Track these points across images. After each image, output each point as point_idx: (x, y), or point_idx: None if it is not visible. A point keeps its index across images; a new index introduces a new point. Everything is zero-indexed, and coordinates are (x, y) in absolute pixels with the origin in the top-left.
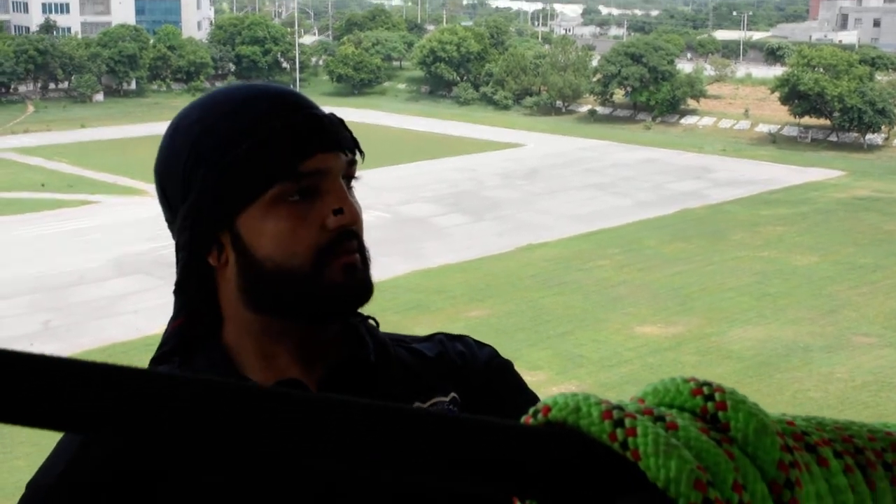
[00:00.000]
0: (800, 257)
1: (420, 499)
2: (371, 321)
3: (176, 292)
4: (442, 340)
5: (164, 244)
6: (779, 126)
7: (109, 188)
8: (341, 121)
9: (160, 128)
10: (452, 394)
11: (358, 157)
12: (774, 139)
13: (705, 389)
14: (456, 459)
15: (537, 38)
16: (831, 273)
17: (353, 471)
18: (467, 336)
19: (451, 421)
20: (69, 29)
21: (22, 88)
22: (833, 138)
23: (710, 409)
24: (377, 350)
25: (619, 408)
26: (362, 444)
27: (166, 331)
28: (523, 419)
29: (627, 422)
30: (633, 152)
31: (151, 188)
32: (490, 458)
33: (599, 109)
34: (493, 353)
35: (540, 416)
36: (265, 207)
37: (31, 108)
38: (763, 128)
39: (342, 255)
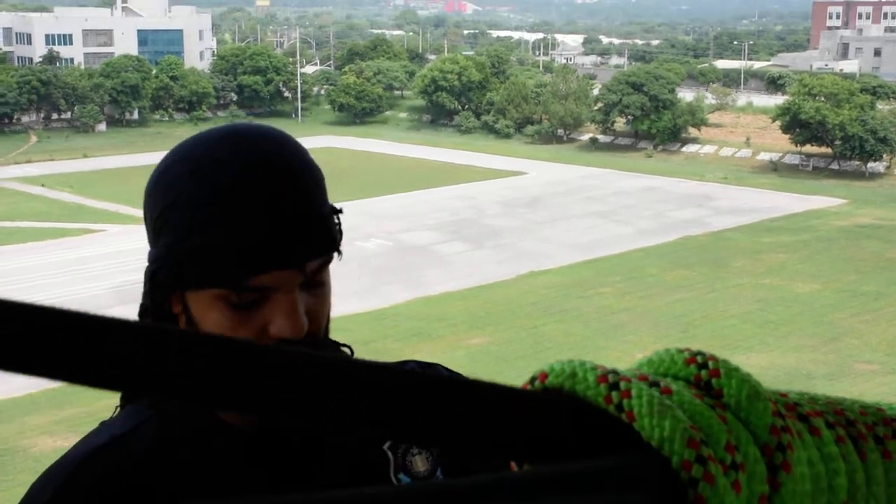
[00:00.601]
0: (802, 285)
1: None
2: (346, 349)
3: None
4: (413, 370)
5: None
6: (780, 154)
7: (112, 217)
8: (330, 215)
9: (160, 157)
10: None
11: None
12: (776, 167)
13: (698, 358)
14: (453, 423)
15: (538, 67)
16: (833, 301)
17: (354, 433)
18: (439, 365)
19: (448, 384)
20: (72, 60)
21: (25, 119)
22: (835, 166)
23: (704, 376)
24: None
25: (615, 372)
26: (359, 406)
27: None
28: (521, 385)
29: (622, 385)
30: (634, 180)
31: None
32: (487, 422)
33: (601, 138)
34: None
35: (537, 382)
36: (211, 299)
37: (33, 139)
38: (764, 156)
39: None
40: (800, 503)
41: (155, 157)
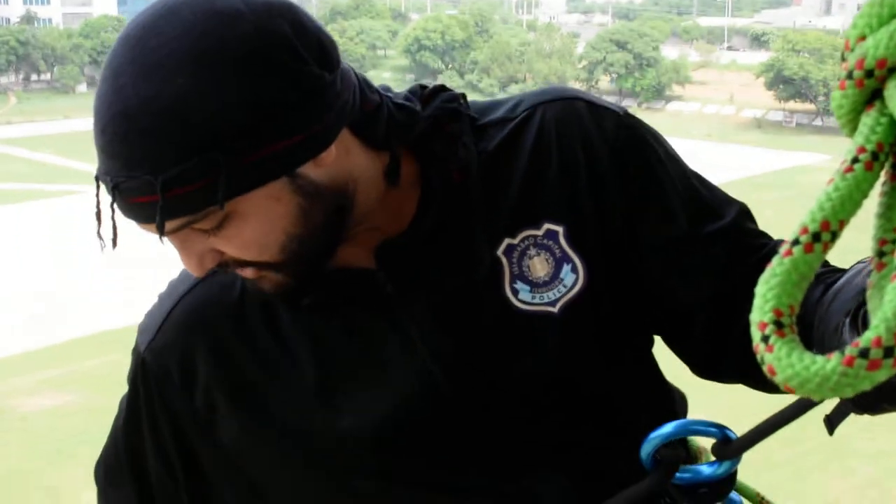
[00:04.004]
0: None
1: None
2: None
3: None
4: (540, 129)
5: None
6: (764, 111)
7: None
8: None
9: None
10: (545, 226)
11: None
12: (760, 124)
13: None
14: None
15: (522, 25)
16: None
17: None
18: (578, 108)
19: None
20: (50, 20)
21: (3, 80)
22: (818, 122)
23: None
24: (449, 194)
25: None
26: None
27: None
28: None
29: None
30: None
31: None
32: None
33: None
34: (616, 122)
35: None
36: None
37: (13, 100)
38: (748, 112)
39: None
40: None
41: None
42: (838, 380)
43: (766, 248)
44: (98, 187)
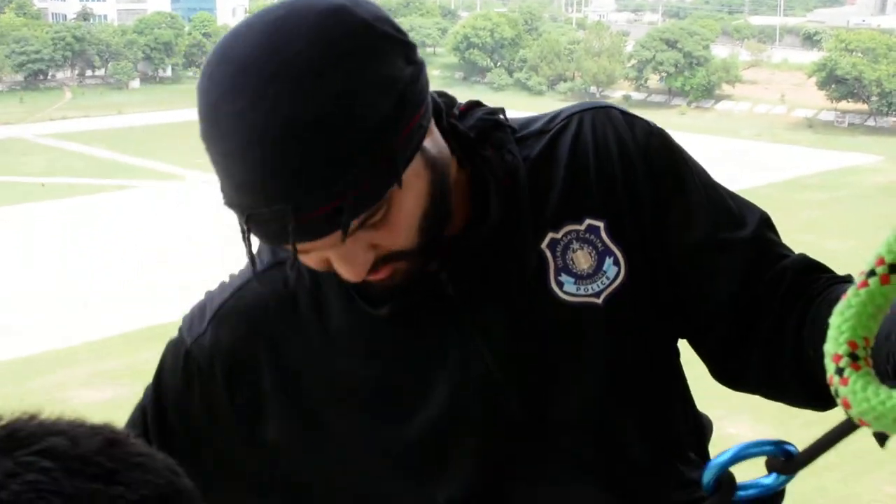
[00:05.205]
0: (836, 241)
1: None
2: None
3: None
4: (576, 135)
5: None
6: (815, 111)
7: (147, 173)
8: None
9: (195, 114)
10: (587, 221)
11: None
12: (811, 124)
13: None
14: None
15: (571, 23)
16: (868, 257)
17: None
18: (612, 117)
19: None
20: (105, 16)
21: (59, 75)
22: (871, 123)
23: None
24: (503, 196)
25: None
26: None
27: None
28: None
29: None
30: None
31: (187, 173)
32: None
33: (634, 95)
34: (647, 129)
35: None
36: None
37: (68, 95)
38: (799, 112)
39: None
40: None
41: (188, 115)
42: None
43: (785, 259)
44: (247, 224)
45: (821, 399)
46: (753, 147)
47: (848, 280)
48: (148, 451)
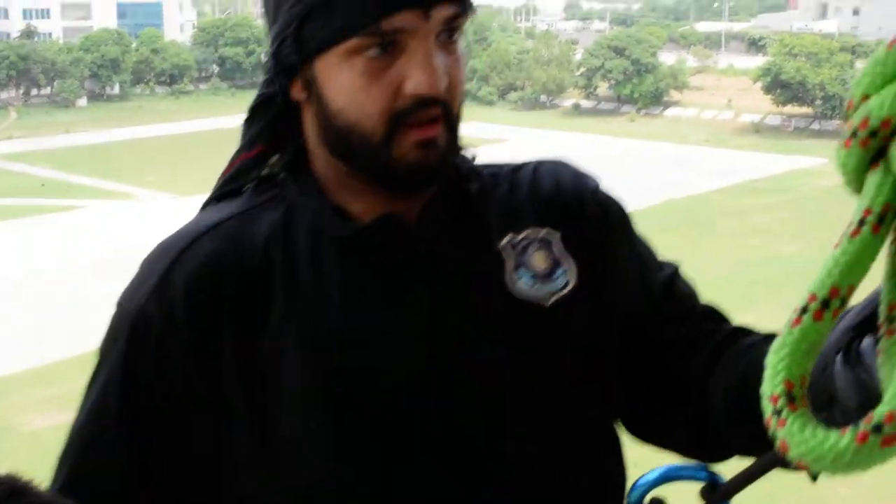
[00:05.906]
0: (786, 245)
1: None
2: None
3: (248, 121)
4: (536, 169)
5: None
6: (762, 115)
7: (97, 192)
8: None
9: (144, 131)
10: (545, 229)
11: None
12: (758, 128)
13: None
14: None
15: (520, 33)
16: (818, 259)
17: None
18: (567, 163)
19: None
20: (50, 34)
21: (3, 95)
22: (816, 126)
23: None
24: (476, 182)
25: None
26: None
27: (229, 167)
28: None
29: None
30: (617, 145)
31: (138, 191)
32: None
33: (583, 103)
34: (597, 183)
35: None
36: (342, 56)
37: (13, 114)
38: (746, 117)
39: (416, 127)
40: None
41: (137, 132)
42: (852, 457)
43: (696, 300)
44: None
45: (703, 449)
46: (702, 152)
47: (752, 332)
48: (51, 498)
